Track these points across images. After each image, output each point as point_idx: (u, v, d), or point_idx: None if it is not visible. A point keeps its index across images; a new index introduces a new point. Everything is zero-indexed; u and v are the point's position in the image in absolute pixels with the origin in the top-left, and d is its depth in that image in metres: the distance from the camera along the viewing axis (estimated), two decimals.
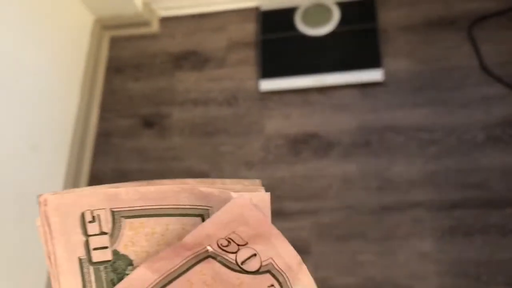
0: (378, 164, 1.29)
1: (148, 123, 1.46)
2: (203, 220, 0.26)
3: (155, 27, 1.59)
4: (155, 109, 1.48)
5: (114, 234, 0.26)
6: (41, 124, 1.29)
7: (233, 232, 0.25)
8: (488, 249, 1.16)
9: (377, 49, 1.39)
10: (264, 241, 0.25)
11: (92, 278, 0.26)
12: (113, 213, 0.26)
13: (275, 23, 1.49)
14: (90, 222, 0.26)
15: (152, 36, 1.59)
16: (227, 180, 0.27)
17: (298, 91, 1.41)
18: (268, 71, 1.43)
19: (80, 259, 0.26)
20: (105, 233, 0.26)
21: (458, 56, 1.37)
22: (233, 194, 0.26)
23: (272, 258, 0.26)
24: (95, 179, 1.42)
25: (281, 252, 0.26)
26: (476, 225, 1.18)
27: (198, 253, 0.25)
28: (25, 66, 1.25)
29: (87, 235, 0.26)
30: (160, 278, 0.25)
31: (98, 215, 0.26)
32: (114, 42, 1.62)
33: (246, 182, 0.27)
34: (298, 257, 0.26)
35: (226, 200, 0.25)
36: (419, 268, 1.17)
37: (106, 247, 0.26)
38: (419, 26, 1.43)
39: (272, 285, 0.25)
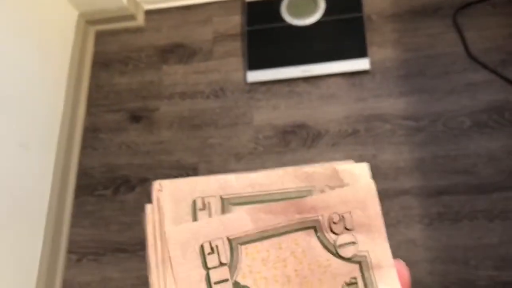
0: (366, 153, 1.29)
1: (136, 117, 1.46)
2: (316, 233, 0.25)
3: (140, 20, 1.58)
4: (142, 103, 1.47)
5: (232, 264, 0.25)
6: (27, 121, 1.28)
7: (349, 212, 0.25)
8: (476, 234, 1.17)
9: (363, 38, 1.40)
10: (368, 233, 0.26)
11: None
12: (229, 241, 0.25)
13: (261, 14, 1.49)
14: (209, 254, 0.25)
15: (138, 30, 1.58)
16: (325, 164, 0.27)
17: (285, 81, 1.41)
18: (255, 63, 1.43)
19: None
20: (224, 265, 0.25)
21: (444, 43, 1.38)
22: (338, 167, 0.26)
23: (367, 252, 0.25)
24: (84, 175, 1.41)
25: (378, 249, 0.25)
26: (464, 210, 1.20)
27: (305, 219, 0.25)
28: (10, 63, 1.24)
29: (207, 268, 0.25)
30: (256, 231, 0.25)
31: (217, 246, 0.25)
32: (100, 36, 1.60)
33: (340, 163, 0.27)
34: (392, 260, 0.26)
35: (331, 176, 0.26)
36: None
37: (227, 280, 0.25)
38: (404, 14, 1.43)
39: (355, 278, 0.25)
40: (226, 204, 0.26)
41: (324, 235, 0.25)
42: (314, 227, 0.25)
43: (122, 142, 1.44)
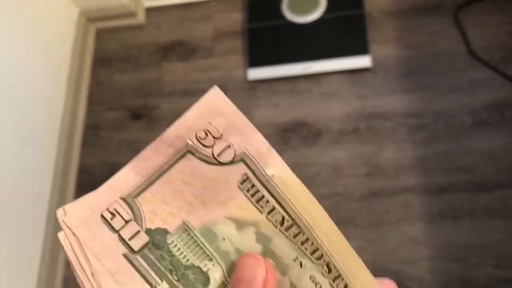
0: (367, 151, 1.29)
1: (136, 115, 1.46)
2: (194, 155, 0.27)
3: (141, 18, 1.58)
4: (143, 100, 1.47)
5: (136, 217, 0.26)
6: (28, 118, 1.28)
7: (210, 123, 0.26)
8: (476, 232, 1.17)
9: (365, 35, 1.39)
10: (237, 132, 0.27)
11: (145, 265, 0.26)
12: (124, 200, 0.26)
13: (262, 11, 1.48)
14: (111, 219, 0.26)
15: (138, 27, 1.58)
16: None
17: (286, 79, 1.40)
18: (256, 60, 1.43)
19: (125, 255, 0.26)
20: (129, 220, 0.26)
21: (445, 41, 1.38)
22: (195, 109, 0.27)
23: (244, 148, 0.26)
24: (84, 172, 1.41)
25: (252, 140, 0.27)
26: (465, 208, 1.19)
27: (178, 148, 0.26)
28: (10, 60, 1.24)
29: (116, 231, 0.26)
30: (143, 180, 0.26)
31: (115, 209, 0.26)
32: (100, 34, 1.60)
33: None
34: (267, 143, 0.27)
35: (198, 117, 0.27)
36: (409, 253, 1.18)
37: (138, 231, 0.26)
38: (405, 12, 1.43)
39: (245, 174, 0.26)
40: (131, 201, 0.26)
41: (201, 153, 0.26)
42: (189, 151, 0.26)
43: (123, 139, 1.43)
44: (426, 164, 1.25)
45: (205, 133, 0.26)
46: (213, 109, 0.27)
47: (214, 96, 0.27)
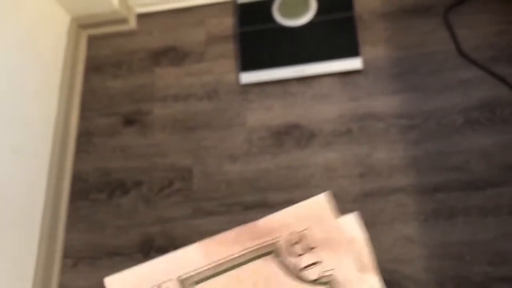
0: (360, 151, 1.30)
1: (129, 120, 1.46)
2: (276, 257, 0.23)
3: (132, 24, 1.58)
4: (136, 106, 1.47)
5: None
6: (20, 125, 1.28)
7: (307, 229, 0.23)
8: (470, 230, 1.18)
9: (355, 37, 1.40)
10: (330, 249, 0.24)
11: None
12: (181, 282, 0.23)
13: (253, 15, 1.49)
14: None
15: (130, 33, 1.58)
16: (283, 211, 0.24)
17: (279, 82, 1.41)
18: (248, 64, 1.43)
19: None
20: None
21: (435, 41, 1.39)
22: (296, 208, 0.24)
23: (334, 270, 0.24)
24: (78, 179, 1.41)
25: (343, 263, 0.24)
26: (458, 207, 1.20)
27: (263, 244, 0.23)
28: (2, 67, 1.24)
29: None
30: (210, 266, 0.23)
31: None
32: (92, 40, 1.60)
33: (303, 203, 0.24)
34: (354, 271, 0.24)
35: (297, 220, 0.23)
36: (404, 252, 1.19)
37: None
38: (395, 13, 1.44)
39: None
40: (186, 284, 0.23)
41: (285, 259, 0.23)
42: (272, 251, 0.23)
43: (116, 145, 1.43)
44: (418, 164, 1.26)
45: (299, 238, 0.23)
46: (314, 215, 0.24)
47: (320, 202, 0.24)
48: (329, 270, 0.23)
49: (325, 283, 0.23)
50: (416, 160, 1.26)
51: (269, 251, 0.23)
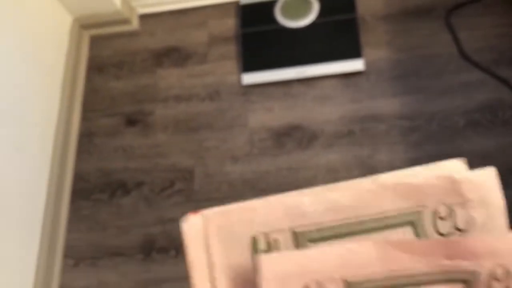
0: (361, 153, 1.30)
1: (131, 121, 1.46)
2: (415, 229, 0.19)
3: (134, 24, 1.58)
4: (138, 107, 1.47)
5: None
6: (22, 125, 1.28)
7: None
8: None
9: (357, 39, 1.40)
10: None
11: None
12: (346, 283, 0.19)
13: (255, 17, 1.49)
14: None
15: (132, 34, 1.58)
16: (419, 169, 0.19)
17: (280, 83, 1.41)
18: (250, 65, 1.43)
19: None
20: None
21: (437, 43, 1.39)
22: (456, 175, 0.19)
23: None
24: (80, 179, 1.41)
25: None
26: None
27: (457, 268, 0.18)
28: (4, 68, 1.24)
29: None
30: (384, 274, 0.18)
31: None
32: (94, 41, 1.61)
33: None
34: None
35: (447, 189, 0.19)
36: None
37: None
38: (397, 15, 1.44)
39: None
40: (302, 240, 0.20)
41: None
42: (467, 281, 0.18)
43: (118, 146, 1.44)
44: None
45: (507, 274, 0.19)
46: None
47: None
48: None
49: None
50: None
51: (462, 279, 0.18)
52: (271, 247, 0.19)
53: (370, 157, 1.29)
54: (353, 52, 1.39)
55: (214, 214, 0.21)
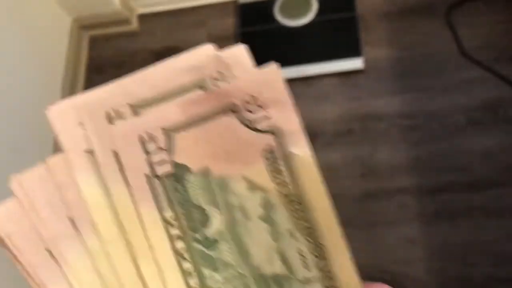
0: (362, 152, 1.29)
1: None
2: (202, 90, 0.29)
3: (134, 24, 1.58)
4: None
5: (170, 149, 0.28)
6: (22, 126, 1.28)
7: (260, 91, 0.29)
8: (472, 231, 1.17)
9: (357, 37, 1.40)
10: (278, 108, 0.29)
11: (160, 190, 0.29)
12: (165, 131, 0.28)
13: (254, 16, 1.49)
14: (148, 142, 0.28)
15: (132, 34, 1.58)
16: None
17: None
18: None
19: (146, 176, 0.28)
20: (162, 150, 0.28)
21: (437, 41, 1.38)
22: (219, 53, 0.29)
23: (280, 123, 0.29)
24: None
25: (289, 119, 0.29)
26: (460, 208, 1.20)
27: (224, 104, 0.28)
28: (3, 69, 1.24)
29: (148, 153, 0.28)
30: (186, 120, 0.28)
31: (118, 111, 0.28)
32: (94, 41, 1.61)
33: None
34: (299, 126, 0.29)
35: (216, 62, 0.29)
36: (406, 253, 1.18)
37: (166, 161, 0.28)
38: (397, 13, 1.43)
39: (272, 145, 0.29)
40: (136, 109, 0.28)
41: (241, 115, 0.28)
42: (232, 110, 0.29)
43: None
44: (420, 165, 1.25)
45: (252, 98, 0.29)
46: (266, 82, 0.29)
47: (272, 72, 0.29)
48: (275, 122, 0.29)
49: (271, 132, 0.28)
50: (418, 161, 1.26)
51: (230, 109, 0.28)
52: (120, 116, 0.28)
53: (370, 156, 1.28)
54: (353, 51, 1.38)
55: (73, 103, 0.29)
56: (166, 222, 0.29)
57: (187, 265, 0.29)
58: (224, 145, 0.29)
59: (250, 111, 0.29)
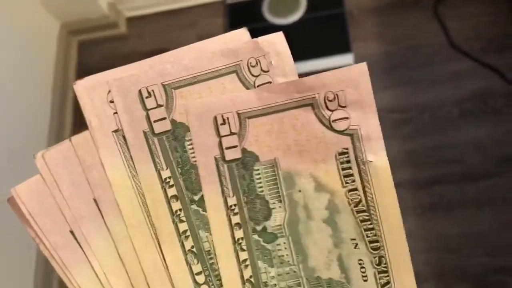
0: None
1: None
2: (238, 75, 0.29)
3: (123, 28, 1.57)
4: None
5: (168, 105, 0.28)
6: (14, 132, 1.28)
7: (343, 90, 0.28)
8: (466, 222, 1.18)
9: (346, 33, 1.40)
10: (360, 109, 0.28)
11: (158, 148, 0.28)
12: (164, 86, 0.28)
13: (243, 15, 1.49)
14: (147, 97, 0.29)
15: (121, 38, 1.58)
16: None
17: None
18: None
19: (144, 132, 0.28)
20: (161, 106, 0.28)
21: (426, 34, 1.39)
22: (257, 39, 0.29)
23: (359, 126, 0.28)
24: None
25: (369, 123, 0.28)
26: (454, 199, 1.21)
27: (304, 97, 0.28)
28: None
29: (146, 109, 0.28)
30: (261, 107, 0.28)
31: (153, 91, 0.28)
32: (83, 46, 1.60)
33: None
34: (380, 132, 0.28)
35: (253, 48, 0.29)
36: None
37: (164, 118, 0.28)
38: (385, 7, 1.44)
39: (347, 148, 0.28)
40: (168, 89, 0.29)
41: (320, 111, 0.28)
42: (312, 104, 0.28)
43: None
44: (413, 158, 1.26)
45: (334, 96, 0.28)
46: (353, 80, 0.28)
47: (360, 71, 0.28)
48: (355, 125, 0.28)
49: (349, 135, 0.28)
50: (411, 154, 1.26)
51: (309, 103, 0.28)
52: (150, 95, 0.28)
53: None
54: (343, 47, 1.38)
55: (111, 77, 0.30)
56: (229, 209, 0.28)
57: (244, 256, 0.29)
58: (297, 139, 0.28)
59: (330, 109, 0.28)
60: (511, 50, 1.31)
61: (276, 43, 0.30)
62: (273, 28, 1.43)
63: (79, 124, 1.48)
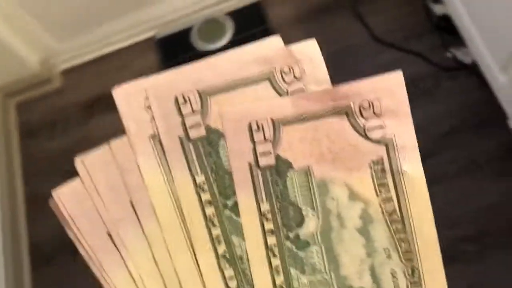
0: None
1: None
2: (271, 82, 0.29)
3: (57, 82, 1.57)
4: None
5: (203, 111, 0.29)
6: None
7: (378, 99, 0.28)
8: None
9: None
10: (395, 118, 0.28)
11: (193, 153, 0.29)
12: (199, 93, 0.29)
13: (174, 47, 1.51)
14: (183, 104, 0.29)
15: (57, 92, 1.57)
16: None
17: None
18: None
19: (180, 138, 0.29)
20: (196, 112, 0.29)
21: (350, 34, 1.45)
22: (290, 47, 0.30)
23: (394, 135, 0.28)
24: (36, 245, 1.38)
25: (404, 132, 0.28)
26: None
27: (339, 106, 0.28)
28: None
29: (182, 115, 0.29)
30: (296, 114, 0.28)
31: (188, 97, 0.29)
32: (21, 106, 1.58)
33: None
34: (415, 142, 0.28)
35: (286, 56, 0.29)
36: None
37: (199, 124, 0.29)
38: (307, 16, 1.49)
39: (382, 157, 0.28)
40: (203, 96, 0.29)
41: (355, 120, 0.28)
42: (346, 112, 0.28)
43: None
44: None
45: (369, 105, 0.28)
46: (388, 89, 0.29)
47: (395, 79, 0.29)
48: (390, 134, 0.28)
49: (384, 144, 0.27)
50: None
51: (344, 112, 0.28)
52: (186, 101, 0.29)
53: None
54: None
55: (150, 81, 0.31)
56: (262, 215, 0.28)
57: (276, 262, 0.29)
58: (331, 147, 0.28)
59: (365, 118, 0.28)
60: (429, 34, 1.38)
61: (308, 51, 0.31)
62: (204, 55, 1.46)
63: (29, 183, 1.46)
